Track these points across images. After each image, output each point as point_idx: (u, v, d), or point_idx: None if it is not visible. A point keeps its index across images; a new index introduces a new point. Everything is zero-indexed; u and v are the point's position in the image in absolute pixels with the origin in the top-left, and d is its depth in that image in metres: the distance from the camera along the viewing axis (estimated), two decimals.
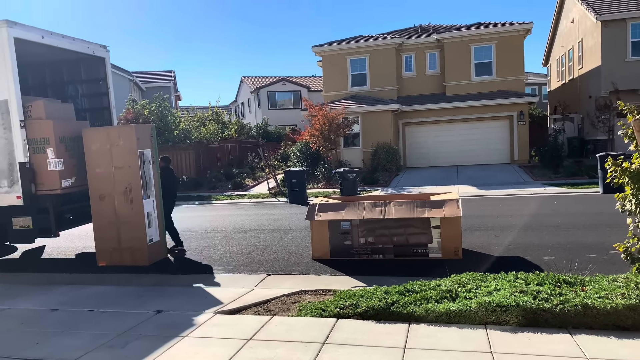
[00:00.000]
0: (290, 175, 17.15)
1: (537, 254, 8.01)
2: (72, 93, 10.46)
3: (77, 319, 5.80)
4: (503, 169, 21.76)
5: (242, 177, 23.42)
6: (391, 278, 6.64)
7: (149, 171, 8.60)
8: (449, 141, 24.51)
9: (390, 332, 4.86)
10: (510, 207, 13.27)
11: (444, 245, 7.88)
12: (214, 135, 30.59)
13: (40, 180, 8.26)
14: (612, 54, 21.99)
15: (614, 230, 9.12)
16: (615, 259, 7.10)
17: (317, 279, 7.23)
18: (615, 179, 5.61)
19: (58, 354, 4.74)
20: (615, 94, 20.87)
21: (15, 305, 6.46)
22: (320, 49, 26.04)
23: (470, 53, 24.53)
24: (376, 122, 23.60)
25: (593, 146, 23.29)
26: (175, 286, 7.21)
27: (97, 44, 9.78)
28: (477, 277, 5.82)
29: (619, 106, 5.71)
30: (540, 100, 35.72)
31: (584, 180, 17.60)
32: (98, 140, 8.37)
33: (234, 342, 4.80)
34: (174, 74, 43.62)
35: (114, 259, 8.50)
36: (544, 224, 10.43)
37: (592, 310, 4.66)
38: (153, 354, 4.61)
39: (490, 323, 4.90)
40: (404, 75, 25.85)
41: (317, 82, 40.56)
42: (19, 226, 8.52)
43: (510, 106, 23.41)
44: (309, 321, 5.28)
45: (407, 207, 8.02)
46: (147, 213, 8.48)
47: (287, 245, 9.64)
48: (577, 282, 5.38)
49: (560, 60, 30.03)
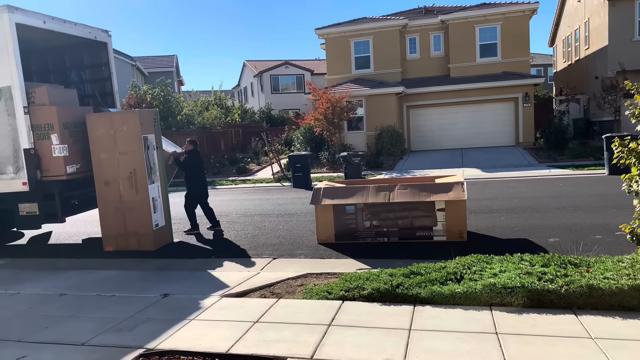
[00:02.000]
0: (294, 160, 17.14)
1: (542, 235, 8.01)
2: (74, 79, 10.43)
3: (85, 303, 5.87)
4: (508, 152, 21.66)
5: (245, 162, 23.43)
6: (396, 261, 6.66)
7: (153, 156, 8.61)
8: (453, 124, 24.38)
9: (395, 314, 4.89)
10: (515, 189, 13.23)
11: (448, 228, 7.88)
12: (217, 120, 30.53)
13: (46, 167, 8.29)
14: (619, 34, 21.67)
15: (620, 211, 9.09)
16: (620, 240, 7.10)
17: (322, 262, 7.27)
18: (622, 160, 5.56)
19: (67, 337, 4.80)
20: (622, 75, 20.63)
21: (23, 290, 6.54)
22: (324, 31, 25.79)
23: (475, 34, 24.24)
24: (380, 106, 23.45)
25: (599, 127, 23.11)
26: (182, 270, 7.26)
27: (98, 29, 9.71)
28: (482, 259, 5.82)
29: (626, 86, 5.64)
30: (545, 82, 35.37)
31: (589, 161, 17.51)
32: (102, 126, 8.37)
33: (240, 325, 4.84)
34: (176, 59, 43.35)
35: (120, 244, 8.56)
36: (549, 206, 10.40)
37: (597, 291, 4.67)
38: (161, 336, 4.67)
39: (495, 304, 4.92)
40: (408, 57, 25.61)
41: (320, 65, 40.25)
42: (25, 212, 8.58)
43: (515, 88, 23.20)
44: (314, 303, 5.31)
45: (411, 191, 8.00)
46: (153, 198, 8.51)
47: (291, 230, 9.66)
48: (583, 263, 5.38)
49: (566, 40, 29.65)
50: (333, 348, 4.22)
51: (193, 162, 9.59)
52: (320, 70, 37.87)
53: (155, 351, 4.38)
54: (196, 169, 9.67)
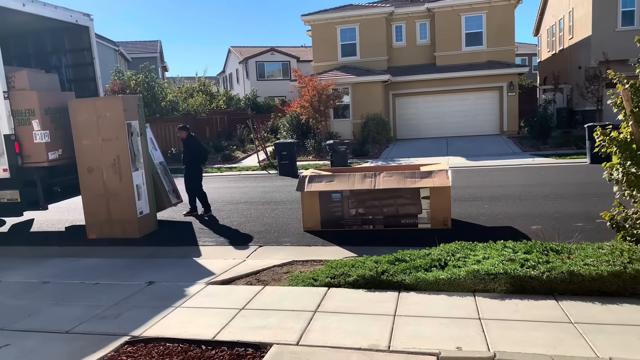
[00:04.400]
0: (280, 148, 17.09)
1: (525, 223, 8.13)
2: (56, 63, 10.22)
3: (69, 290, 5.82)
4: (492, 140, 21.85)
5: (231, 149, 23.27)
6: (381, 248, 6.71)
7: (137, 143, 8.51)
8: (439, 112, 24.48)
9: (380, 300, 4.94)
10: (499, 177, 13.38)
11: (433, 216, 7.95)
12: (202, 107, 30.21)
13: (27, 153, 8.14)
14: (603, 24, 21.88)
15: (601, 199, 9.25)
16: (601, 227, 7.23)
17: (308, 249, 7.29)
18: (604, 149, 5.67)
19: (51, 325, 4.77)
20: (605, 64, 20.88)
21: (6, 278, 6.45)
22: (310, 18, 25.60)
23: (460, 23, 24.29)
24: (366, 94, 23.44)
25: (582, 117, 23.40)
26: (167, 258, 7.22)
27: (80, 12, 9.51)
28: (466, 246, 5.89)
29: (609, 75, 5.72)
30: (530, 71, 35.61)
31: (572, 150, 17.75)
32: (84, 112, 8.24)
33: (226, 312, 4.85)
34: (160, 45, 42.71)
35: (104, 232, 8.49)
36: (532, 194, 10.55)
37: (578, 277, 4.76)
38: (146, 324, 4.65)
39: (478, 291, 4.99)
40: (394, 45, 25.58)
41: (306, 53, 40.00)
42: (6, 199, 8.43)
43: (500, 77, 23.36)
44: (300, 290, 5.34)
45: (397, 178, 8.04)
46: (137, 185, 8.43)
47: (277, 217, 9.66)
48: (564, 250, 5.48)
49: (550, 30, 29.85)
50: (319, 334, 4.26)
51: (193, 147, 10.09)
52: (307, 58, 37.65)
53: (141, 338, 4.37)
54: (199, 152, 10.23)
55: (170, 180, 10.04)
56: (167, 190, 9.74)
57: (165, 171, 9.98)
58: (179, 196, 10.14)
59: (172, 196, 9.89)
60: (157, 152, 10.00)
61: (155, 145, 9.93)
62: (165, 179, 9.84)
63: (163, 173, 9.85)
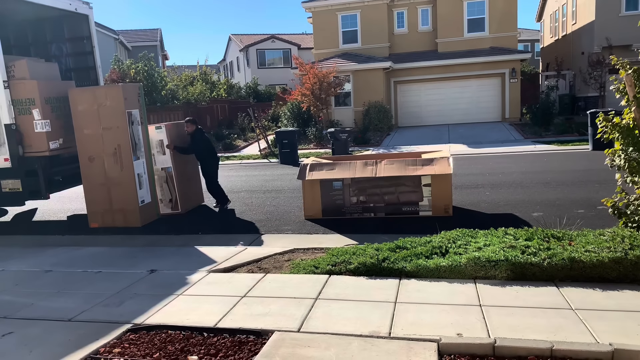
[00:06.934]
0: (281, 136, 17.05)
1: (527, 210, 8.12)
2: (56, 52, 10.19)
3: (71, 279, 5.84)
4: (494, 127, 21.76)
5: (232, 138, 23.23)
6: (382, 236, 6.72)
7: (138, 132, 8.50)
8: (440, 99, 24.36)
9: (381, 287, 4.95)
10: (500, 165, 13.35)
11: (434, 203, 7.94)
12: (203, 95, 30.13)
13: (28, 142, 8.15)
14: (606, 9, 21.67)
15: (602, 186, 9.23)
16: (602, 214, 7.22)
17: (310, 237, 7.30)
18: (606, 135, 5.63)
19: (54, 313, 4.79)
20: (608, 50, 20.70)
21: (8, 267, 6.48)
22: (310, 4, 25.38)
23: (463, 8, 24.06)
24: (368, 81, 23.31)
25: (584, 103, 23.28)
26: (169, 246, 7.25)
27: (79, 0, 9.47)
28: (467, 233, 5.89)
29: (612, 61, 5.66)
30: (532, 57, 35.38)
31: (574, 137, 17.68)
32: (85, 101, 8.22)
33: (228, 299, 4.87)
34: (161, 33, 42.41)
35: (105, 221, 8.51)
36: (534, 181, 10.53)
37: (579, 264, 4.76)
38: (148, 311, 4.68)
39: (479, 277, 5.00)
40: (395, 32, 25.38)
41: (307, 40, 39.72)
42: (8, 189, 8.46)
43: (502, 63, 23.18)
44: (301, 278, 5.35)
45: (398, 166, 8.03)
46: (138, 174, 8.43)
47: (279, 206, 9.67)
48: (565, 236, 5.47)
49: (553, 15, 29.57)
50: (320, 321, 4.27)
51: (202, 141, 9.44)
52: (308, 45, 37.39)
53: (143, 326, 4.39)
54: (208, 147, 9.58)
55: (171, 188, 9.31)
56: (160, 198, 9.22)
57: (168, 178, 9.27)
58: (175, 207, 9.35)
59: (166, 206, 9.34)
60: (165, 156, 9.22)
61: (164, 149, 9.21)
62: (164, 186, 9.27)
63: (163, 180, 9.27)
